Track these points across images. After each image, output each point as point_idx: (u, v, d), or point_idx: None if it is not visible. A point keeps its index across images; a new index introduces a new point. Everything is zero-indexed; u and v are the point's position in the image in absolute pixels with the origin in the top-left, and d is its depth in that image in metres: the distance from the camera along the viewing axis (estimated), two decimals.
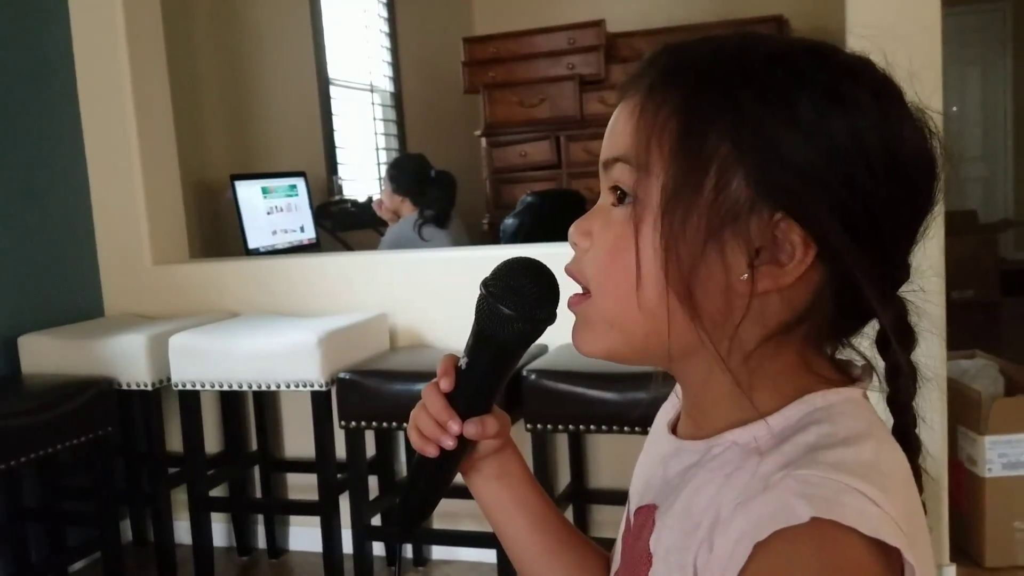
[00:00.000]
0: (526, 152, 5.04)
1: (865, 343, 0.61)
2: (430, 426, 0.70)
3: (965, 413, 2.50)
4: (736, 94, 0.55)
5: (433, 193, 3.46)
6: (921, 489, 0.59)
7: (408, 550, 2.76)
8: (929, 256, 2.15)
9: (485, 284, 0.68)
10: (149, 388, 2.52)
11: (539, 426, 2.20)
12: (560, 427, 2.19)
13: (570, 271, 0.63)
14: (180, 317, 2.79)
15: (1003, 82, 8.24)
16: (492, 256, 1.16)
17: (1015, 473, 2.46)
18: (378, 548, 2.72)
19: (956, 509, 2.46)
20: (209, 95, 3.70)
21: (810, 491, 0.49)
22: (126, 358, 2.52)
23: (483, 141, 5.13)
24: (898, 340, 0.58)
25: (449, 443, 0.70)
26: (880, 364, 0.60)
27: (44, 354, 2.60)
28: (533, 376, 2.19)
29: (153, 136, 3.00)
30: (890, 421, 0.60)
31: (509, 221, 3.62)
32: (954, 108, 8.29)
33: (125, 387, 2.53)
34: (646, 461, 0.70)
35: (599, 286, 0.60)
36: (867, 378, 0.61)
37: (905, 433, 0.59)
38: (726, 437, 0.59)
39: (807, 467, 0.51)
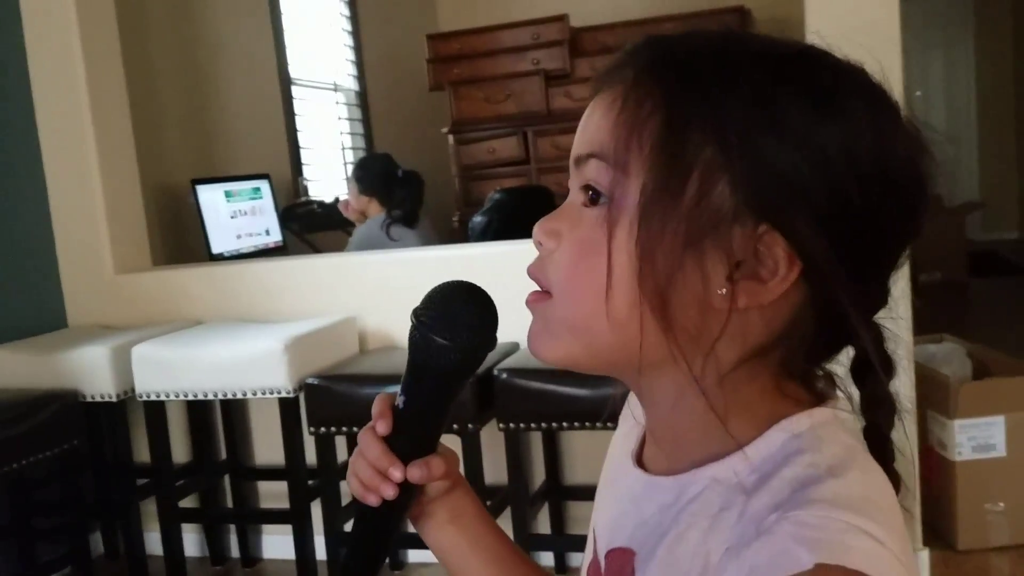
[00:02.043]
0: (494, 148, 5.03)
1: (839, 371, 0.58)
2: (369, 474, 0.65)
3: (934, 397, 2.52)
4: (723, 94, 0.51)
5: (400, 193, 3.43)
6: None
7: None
8: None
9: (416, 314, 0.62)
10: (114, 400, 2.48)
11: (512, 425, 2.18)
12: (533, 425, 2.18)
13: (532, 273, 0.58)
14: (143, 326, 2.75)
15: (966, 66, 8.34)
16: (462, 255, 1.14)
17: (985, 456, 2.48)
18: None
19: (928, 493, 2.48)
20: (167, 97, 3.64)
21: (810, 534, 0.46)
22: (90, 370, 2.47)
23: (450, 138, 5.11)
24: (874, 370, 0.55)
25: (390, 491, 0.64)
26: (855, 394, 0.57)
27: (7, 368, 2.54)
28: (505, 375, 2.17)
29: (111, 141, 2.94)
30: None
31: (478, 219, 3.60)
32: (918, 93, 8.37)
33: (90, 399, 2.49)
34: (612, 495, 0.65)
35: (563, 291, 0.56)
36: (833, 392, 0.58)
37: (883, 469, 0.55)
38: (704, 473, 0.54)
39: (802, 507, 0.47)
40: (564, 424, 2.15)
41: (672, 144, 0.52)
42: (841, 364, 0.58)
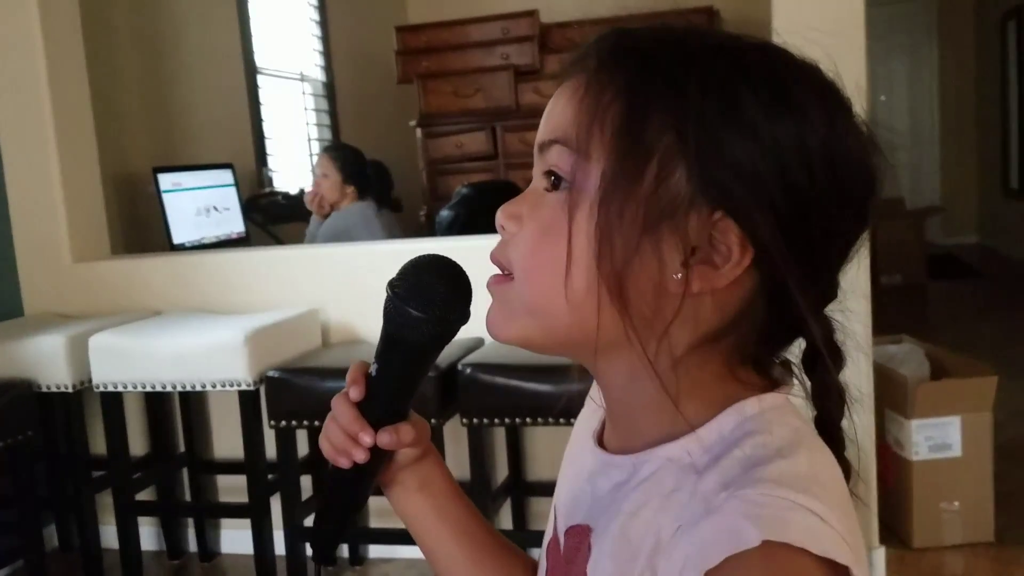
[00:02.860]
0: (462, 143, 5.01)
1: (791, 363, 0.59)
2: (341, 438, 0.67)
3: (892, 397, 2.55)
4: (684, 84, 0.52)
5: (371, 183, 3.42)
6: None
7: (344, 549, 2.71)
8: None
9: (391, 285, 0.64)
10: (70, 390, 2.43)
11: (475, 420, 2.18)
12: (496, 420, 2.18)
13: (494, 256, 0.60)
14: (101, 316, 2.70)
15: (929, 72, 8.47)
16: (428, 248, 1.12)
17: (941, 456, 2.52)
18: (312, 549, 2.67)
19: (884, 491, 2.51)
20: (129, 84, 3.57)
21: (757, 512, 0.47)
22: (45, 359, 2.42)
23: (418, 132, 5.09)
24: (824, 360, 0.56)
25: (361, 455, 0.66)
26: (807, 384, 0.58)
27: None
28: (468, 370, 2.16)
29: (71, 127, 2.88)
30: None
31: (444, 213, 3.58)
32: (882, 97, 8.48)
33: (45, 389, 2.44)
34: (571, 474, 0.66)
35: (524, 272, 0.57)
36: (788, 379, 0.59)
37: (835, 457, 0.56)
38: (657, 453, 0.56)
39: (750, 486, 0.49)
40: (527, 420, 2.14)
41: (632, 131, 0.53)
42: (795, 355, 0.59)
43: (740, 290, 0.54)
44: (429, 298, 0.63)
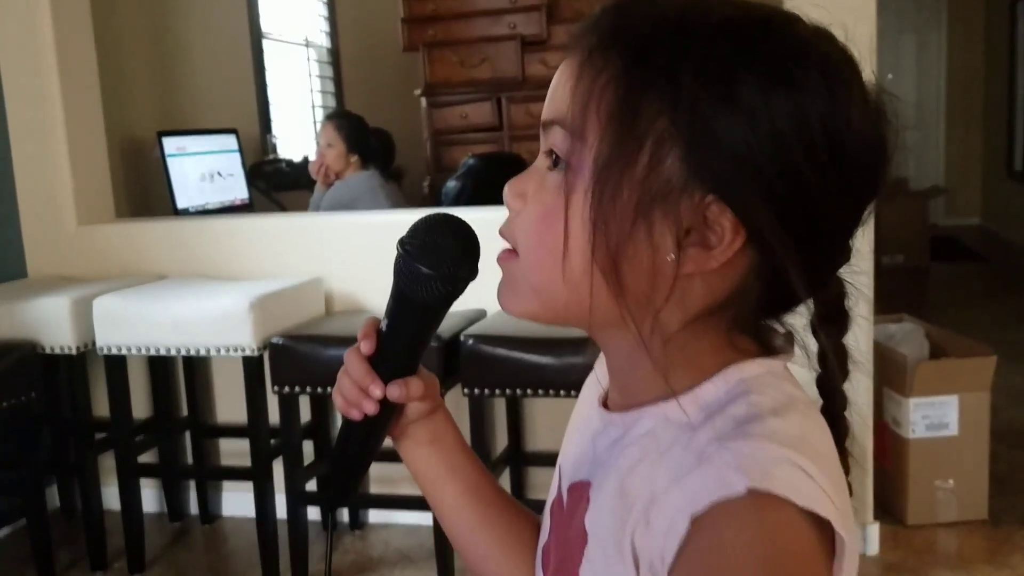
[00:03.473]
0: (467, 114, 4.98)
1: (801, 322, 0.60)
2: (352, 390, 0.69)
3: (891, 376, 2.57)
4: (677, 68, 0.52)
5: (374, 151, 3.39)
6: (847, 470, 0.58)
7: (345, 514, 2.74)
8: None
9: (402, 243, 0.65)
10: (74, 352, 2.45)
11: (476, 391, 2.19)
12: (497, 391, 2.19)
13: (503, 232, 0.61)
14: (106, 279, 2.71)
15: (938, 51, 8.41)
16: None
17: (937, 434, 2.54)
18: (313, 513, 2.70)
19: (880, 468, 2.54)
20: (135, 48, 3.56)
21: (745, 463, 0.48)
22: (50, 321, 2.43)
23: (423, 101, 5.06)
24: (830, 324, 0.58)
25: (371, 407, 0.68)
26: (812, 345, 0.59)
27: None
28: (471, 341, 2.18)
29: (77, 91, 2.87)
30: (820, 403, 0.60)
31: (451, 184, 3.58)
32: (889, 76, 8.43)
33: (49, 351, 2.45)
34: (576, 436, 0.68)
35: (527, 250, 0.59)
36: (789, 349, 0.60)
37: (834, 416, 0.58)
38: (655, 411, 0.58)
39: (740, 439, 0.50)
40: (528, 391, 2.16)
41: (626, 114, 0.53)
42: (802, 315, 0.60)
43: (734, 269, 0.55)
44: (439, 255, 0.64)
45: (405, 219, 0.70)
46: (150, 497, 2.82)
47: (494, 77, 4.95)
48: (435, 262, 0.64)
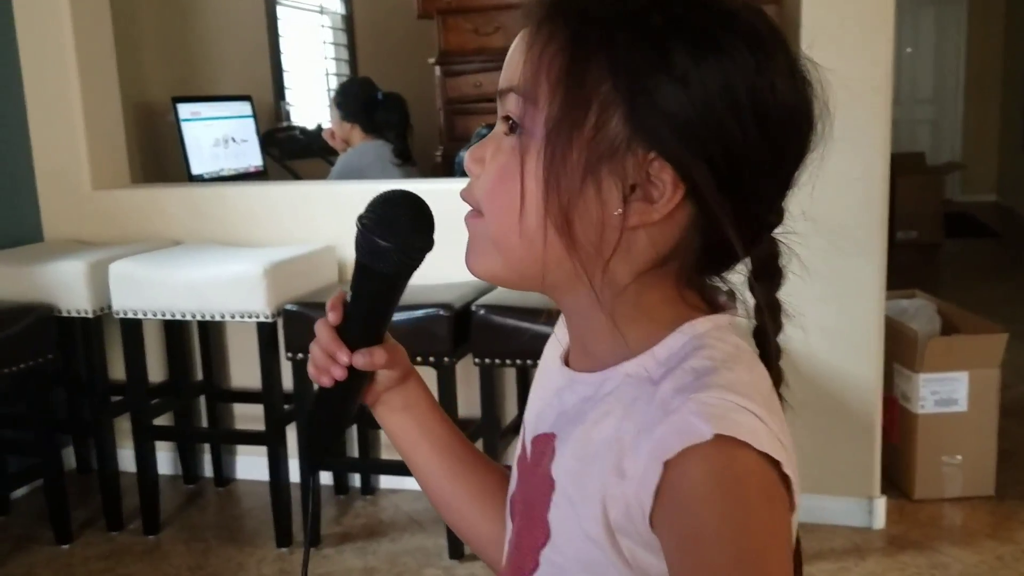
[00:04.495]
0: (480, 83, 4.96)
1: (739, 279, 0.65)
2: (321, 358, 0.73)
3: (901, 351, 2.57)
4: (619, 36, 0.57)
5: (383, 116, 3.35)
6: (780, 381, 0.64)
7: (356, 479, 2.78)
8: (871, 199, 2.18)
9: (360, 218, 0.69)
10: (90, 316, 2.47)
11: (486, 360, 2.21)
12: (507, 361, 2.21)
13: (464, 195, 0.65)
14: (121, 244, 2.73)
15: (957, 26, 8.31)
16: (444, 189, 1.14)
17: (946, 410, 2.55)
18: (325, 477, 2.74)
19: (888, 443, 2.55)
20: (150, 14, 3.55)
21: (709, 411, 0.53)
22: (66, 285, 2.46)
23: (437, 69, 5.03)
24: (764, 279, 0.62)
25: (339, 373, 0.72)
26: (751, 300, 0.64)
27: None
28: (481, 311, 2.19)
29: (92, 56, 2.88)
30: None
31: (463, 154, 3.57)
32: (908, 49, 8.34)
33: (65, 314, 2.48)
34: (539, 393, 0.72)
35: (487, 211, 0.63)
36: (732, 305, 0.65)
37: (769, 365, 0.63)
38: (619, 370, 0.62)
39: (702, 390, 0.54)
40: (537, 361, 2.17)
41: (573, 80, 0.57)
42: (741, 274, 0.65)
43: (675, 223, 0.59)
44: (395, 229, 0.68)
45: (417, 189, 0.71)
46: (165, 459, 2.86)
47: (508, 45, 4.86)
48: (392, 235, 0.68)
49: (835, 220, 2.12)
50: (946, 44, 8.37)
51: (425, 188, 2.93)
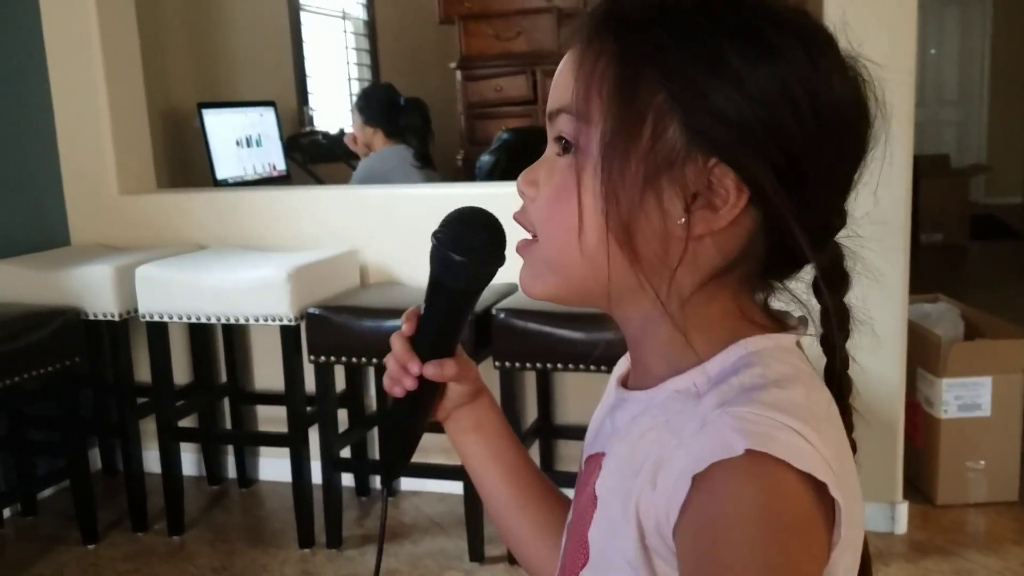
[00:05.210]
0: (501, 87, 4.98)
1: (803, 287, 0.64)
2: (394, 368, 0.74)
3: (925, 355, 2.56)
4: (669, 45, 0.56)
5: (405, 121, 3.37)
6: (851, 429, 0.62)
7: (377, 481, 2.80)
8: (894, 201, 2.17)
9: (435, 235, 0.70)
10: (116, 319, 2.51)
11: (507, 364, 2.22)
12: (528, 365, 2.22)
13: (517, 219, 0.65)
14: (146, 248, 2.77)
15: (982, 27, 8.22)
16: (466, 194, 1.14)
17: (970, 415, 2.53)
18: (347, 479, 2.76)
19: (911, 448, 2.53)
20: (175, 20, 3.60)
21: (745, 427, 0.51)
22: (93, 288, 2.50)
23: (458, 74, 5.05)
24: (830, 283, 0.60)
25: (410, 383, 0.73)
26: (816, 306, 0.62)
27: (9, 283, 2.57)
28: (502, 315, 2.20)
29: (119, 62, 2.92)
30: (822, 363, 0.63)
31: (485, 158, 3.58)
32: (932, 51, 8.27)
33: (92, 317, 2.52)
34: (597, 414, 0.72)
35: (544, 233, 0.62)
36: (802, 328, 0.63)
37: (836, 374, 0.62)
38: (667, 386, 0.61)
39: (742, 405, 0.53)
40: (558, 365, 2.18)
41: (625, 93, 0.57)
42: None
43: (740, 229, 0.58)
44: (468, 244, 0.70)
45: (438, 193, 0.73)
46: (189, 460, 2.89)
47: (529, 50, 4.93)
48: (466, 251, 0.70)
49: (857, 223, 2.11)
50: (971, 45, 8.29)
51: (447, 192, 2.89)
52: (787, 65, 0.56)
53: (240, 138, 3.47)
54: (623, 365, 0.71)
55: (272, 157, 3.65)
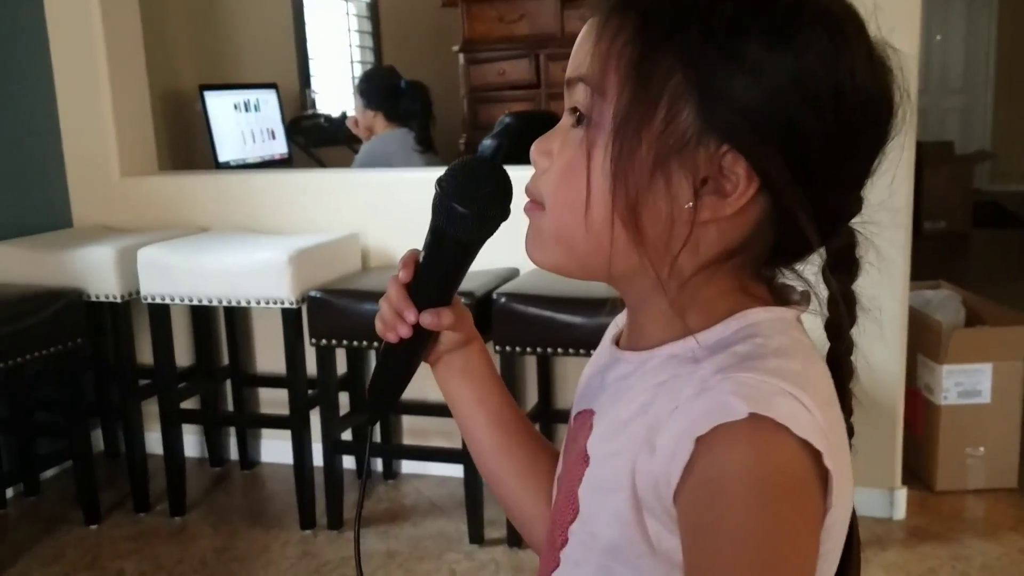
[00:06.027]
0: (504, 71, 4.96)
1: (812, 270, 0.63)
2: (389, 314, 0.73)
3: (925, 342, 2.56)
4: (686, 28, 0.55)
5: (406, 104, 3.36)
6: (850, 411, 0.62)
7: (378, 464, 2.81)
8: (896, 189, 2.16)
9: (439, 181, 0.68)
10: (118, 300, 2.51)
11: (508, 348, 2.22)
12: (528, 349, 2.22)
13: (528, 189, 0.64)
14: (148, 230, 2.77)
15: (988, 13, 8.17)
16: None
17: (970, 401, 2.54)
18: (348, 462, 2.77)
19: (911, 434, 2.54)
20: (177, 2, 3.58)
21: (747, 391, 0.51)
22: (95, 270, 2.50)
23: (461, 58, 5.04)
24: (838, 270, 0.60)
25: (405, 330, 0.73)
26: (824, 291, 0.62)
27: (11, 264, 2.57)
28: (503, 299, 2.20)
29: (121, 44, 2.91)
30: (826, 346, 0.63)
31: (487, 142, 3.57)
32: (938, 37, 8.22)
33: (94, 299, 2.52)
34: (588, 371, 0.73)
35: (552, 204, 0.62)
36: (804, 303, 0.63)
37: (839, 358, 0.62)
38: (663, 350, 0.61)
39: (742, 371, 0.53)
40: (558, 350, 2.19)
41: (643, 73, 0.56)
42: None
43: (745, 218, 0.58)
44: (473, 195, 0.68)
45: (437, 177, 0.72)
46: (191, 442, 2.90)
47: (532, 33, 4.91)
48: (469, 201, 0.67)
49: (865, 211, 2.11)
50: (976, 32, 8.24)
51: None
52: (810, 57, 0.54)
53: (242, 120, 3.46)
54: (619, 324, 0.71)
55: (274, 139, 3.64)
